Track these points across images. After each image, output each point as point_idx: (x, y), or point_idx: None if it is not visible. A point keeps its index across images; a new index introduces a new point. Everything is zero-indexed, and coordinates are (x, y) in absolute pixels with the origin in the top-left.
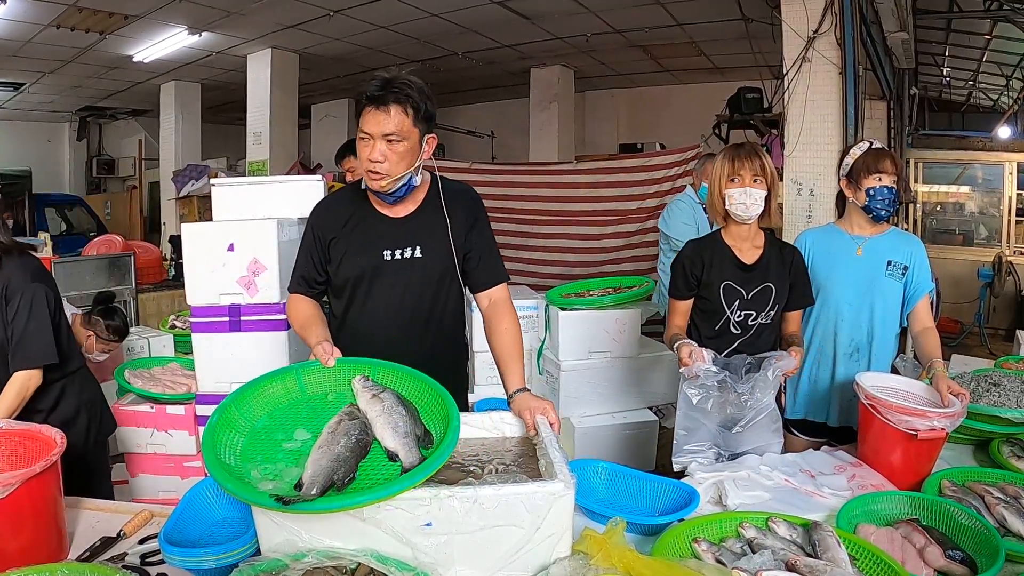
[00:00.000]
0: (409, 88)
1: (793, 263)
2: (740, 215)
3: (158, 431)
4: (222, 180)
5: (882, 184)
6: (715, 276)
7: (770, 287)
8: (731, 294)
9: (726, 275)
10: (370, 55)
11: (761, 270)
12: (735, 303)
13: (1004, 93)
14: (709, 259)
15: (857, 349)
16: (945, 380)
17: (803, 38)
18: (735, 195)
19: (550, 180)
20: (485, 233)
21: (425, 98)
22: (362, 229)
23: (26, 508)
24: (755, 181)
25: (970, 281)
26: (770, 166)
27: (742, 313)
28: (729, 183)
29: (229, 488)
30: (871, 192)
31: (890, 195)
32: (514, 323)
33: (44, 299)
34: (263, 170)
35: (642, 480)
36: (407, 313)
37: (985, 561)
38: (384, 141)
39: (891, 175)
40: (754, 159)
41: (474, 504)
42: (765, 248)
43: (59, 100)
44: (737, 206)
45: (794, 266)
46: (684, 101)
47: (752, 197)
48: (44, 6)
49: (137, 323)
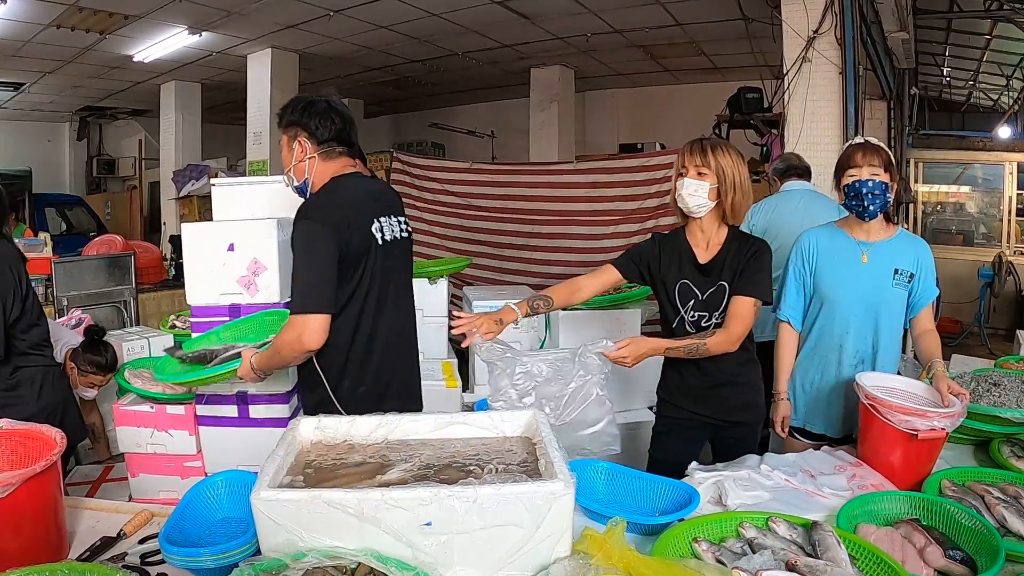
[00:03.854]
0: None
1: (751, 255)
2: (685, 207)
3: (158, 431)
4: (222, 180)
5: (855, 179)
6: (672, 274)
7: (724, 287)
8: (686, 294)
9: (683, 274)
10: (370, 55)
11: (716, 269)
12: (690, 303)
13: (1004, 93)
14: (668, 256)
15: (862, 360)
16: (945, 380)
17: (803, 38)
18: (679, 187)
19: (550, 180)
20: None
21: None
22: None
23: (26, 508)
24: (699, 175)
25: (970, 281)
26: (727, 162)
27: (696, 314)
28: (678, 176)
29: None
30: (846, 189)
31: (867, 189)
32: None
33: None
34: (263, 170)
35: (642, 480)
36: None
37: (985, 561)
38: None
39: (866, 167)
40: (698, 154)
41: (474, 504)
42: (723, 245)
43: (59, 100)
44: (679, 197)
45: (751, 257)
46: (684, 101)
47: (691, 188)
48: (44, 6)
49: (137, 323)
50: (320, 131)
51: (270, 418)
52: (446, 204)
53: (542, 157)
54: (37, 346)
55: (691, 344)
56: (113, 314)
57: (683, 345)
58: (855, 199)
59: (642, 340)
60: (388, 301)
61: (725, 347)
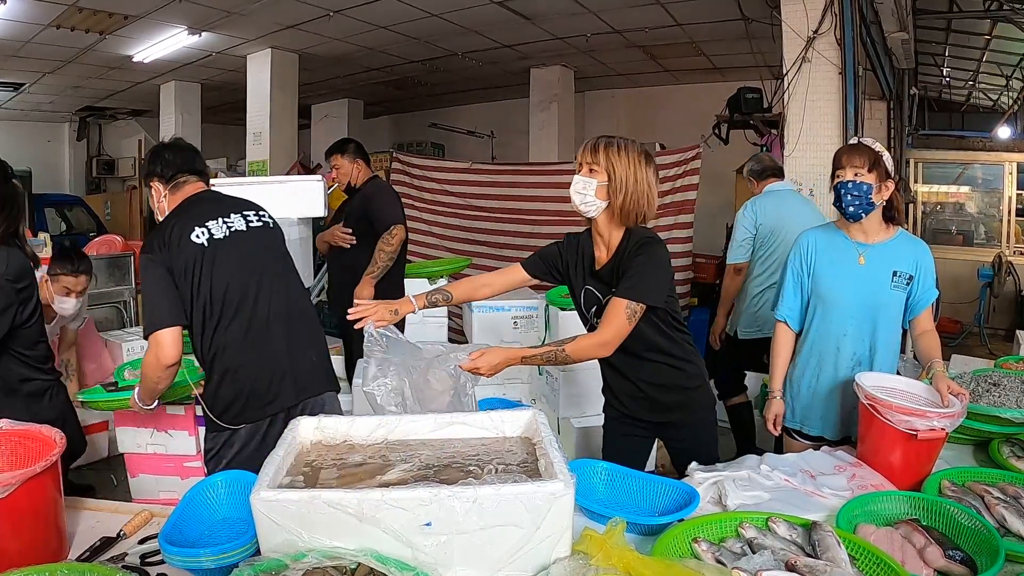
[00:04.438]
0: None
1: (631, 254)
2: (573, 204)
3: (158, 431)
4: (222, 180)
5: (839, 180)
6: (578, 280)
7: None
8: (590, 300)
9: (586, 280)
10: (370, 55)
11: (608, 276)
12: (593, 309)
13: (1004, 93)
14: (573, 259)
15: (859, 362)
16: (945, 380)
17: (803, 38)
18: (572, 184)
19: (550, 180)
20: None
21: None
22: None
23: (26, 508)
24: (590, 171)
25: (970, 281)
26: (622, 162)
27: (598, 320)
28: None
29: None
30: (835, 189)
31: (846, 190)
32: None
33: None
34: (263, 170)
35: (642, 480)
36: None
37: (985, 561)
38: None
39: (849, 169)
40: (589, 151)
41: (474, 504)
42: (616, 249)
43: (59, 100)
44: (572, 199)
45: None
46: (684, 101)
47: (578, 185)
48: (44, 6)
49: (137, 323)
50: (165, 171)
51: None
52: (446, 204)
53: (542, 157)
54: (42, 359)
55: (549, 352)
56: (113, 314)
57: (540, 353)
58: (838, 200)
59: (497, 350)
60: (252, 286)
61: (593, 352)
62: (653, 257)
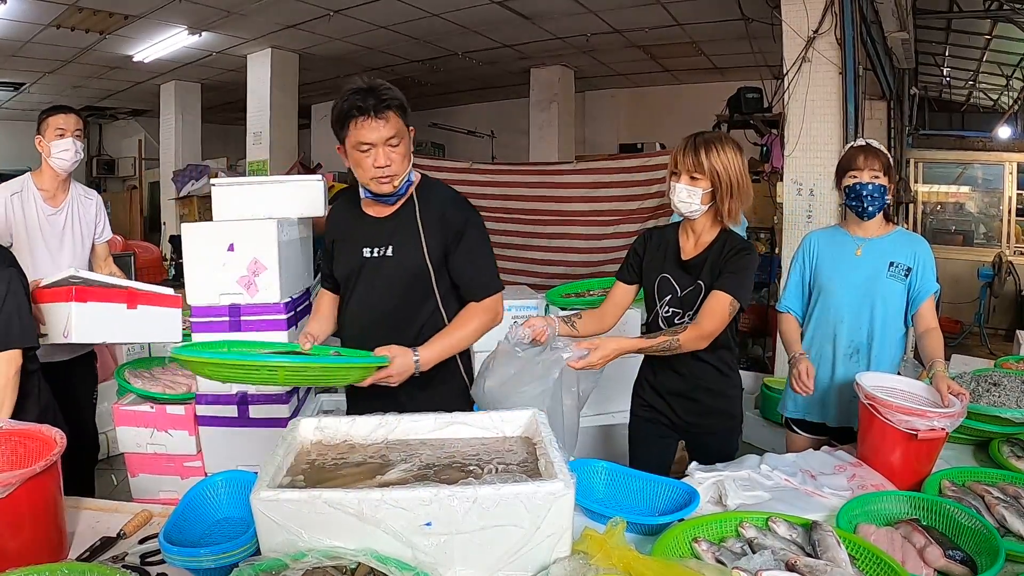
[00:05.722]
0: (390, 90)
1: (733, 253)
2: (678, 212)
3: (158, 431)
4: (222, 180)
5: (856, 181)
6: (654, 267)
7: (701, 286)
8: (665, 288)
9: (665, 268)
10: (370, 55)
11: (695, 268)
12: (667, 298)
13: (1004, 93)
14: (654, 248)
15: (856, 350)
16: (945, 380)
17: (803, 38)
18: (672, 190)
19: (550, 180)
20: (471, 246)
21: (401, 94)
22: (352, 230)
23: (26, 508)
24: (692, 179)
25: (970, 281)
26: (723, 162)
27: (670, 310)
28: (672, 175)
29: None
30: (847, 190)
31: (867, 191)
32: (474, 321)
33: (20, 283)
34: (263, 170)
35: (642, 480)
36: (375, 311)
37: (985, 561)
38: (387, 146)
39: (867, 171)
40: (691, 155)
41: (474, 504)
42: (709, 245)
43: (59, 100)
44: (673, 203)
45: (733, 255)
46: (684, 101)
47: (683, 195)
48: (44, 6)
49: None
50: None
51: (270, 418)
52: None
53: (542, 157)
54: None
55: (664, 341)
56: None
57: (656, 344)
58: (855, 200)
59: (607, 341)
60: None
61: (695, 343)
62: (751, 264)
